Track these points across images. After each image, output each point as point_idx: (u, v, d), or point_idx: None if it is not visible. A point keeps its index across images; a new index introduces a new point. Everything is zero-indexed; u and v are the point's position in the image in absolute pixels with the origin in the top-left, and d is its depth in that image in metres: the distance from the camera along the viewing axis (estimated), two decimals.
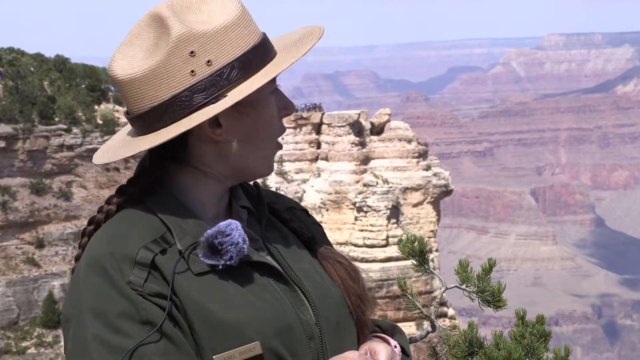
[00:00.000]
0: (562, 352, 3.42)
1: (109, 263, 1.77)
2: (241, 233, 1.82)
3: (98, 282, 1.76)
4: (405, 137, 55.82)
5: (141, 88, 1.85)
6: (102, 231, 1.87)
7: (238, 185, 2.01)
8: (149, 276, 1.77)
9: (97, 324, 1.73)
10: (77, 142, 46.88)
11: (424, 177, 54.91)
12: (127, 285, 1.75)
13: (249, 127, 1.90)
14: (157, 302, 1.75)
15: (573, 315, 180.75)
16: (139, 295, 1.75)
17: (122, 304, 1.74)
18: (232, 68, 1.84)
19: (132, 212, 1.88)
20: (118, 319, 1.73)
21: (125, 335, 1.72)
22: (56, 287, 43.99)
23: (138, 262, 1.77)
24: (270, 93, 1.91)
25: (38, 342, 42.44)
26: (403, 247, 3.22)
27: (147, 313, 1.74)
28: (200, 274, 1.80)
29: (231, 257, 1.80)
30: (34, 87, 47.77)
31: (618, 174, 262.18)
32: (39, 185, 45.76)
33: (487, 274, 3.08)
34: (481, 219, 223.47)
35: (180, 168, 1.92)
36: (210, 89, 1.83)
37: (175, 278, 1.78)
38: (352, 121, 55.01)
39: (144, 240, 1.80)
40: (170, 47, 1.83)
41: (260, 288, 1.85)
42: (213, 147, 1.90)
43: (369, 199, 51.95)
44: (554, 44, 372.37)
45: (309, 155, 55.45)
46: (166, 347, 1.73)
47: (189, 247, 1.82)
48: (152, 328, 1.73)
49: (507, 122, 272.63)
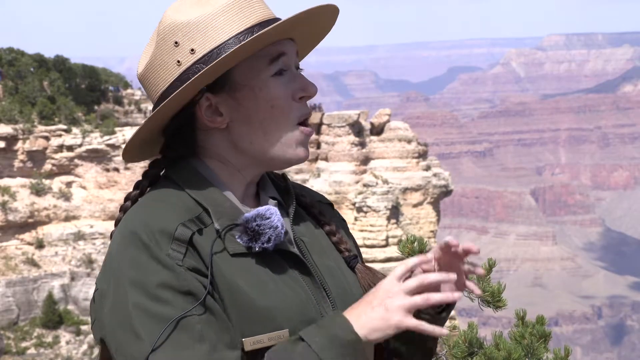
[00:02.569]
0: (562, 353, 3.41)
1: (146, 236, 1.74)
2: (280, 218, 1.81)
3: (136, 254, 1.74)
4: (405, 138, 55.81)
5: (148, 83, 1.89)
6: (137, 207, 1.85)
7: (266, 176, 1.99)
8: (187, 252, 1.74)
9: (137, 293, 1.71)
10: (77, 143, 46.85)
11: (424, 177, 54.89)
12: (167, 257, 1.73)
13: (250, 111, 1.85)
14: (196, 277, 1.73)
15: (573, 316, 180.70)
16: (180, 267, 1.73)
17: (162, 273, 1.72)
18: (218, 53, 1.81)
19: (166, 191, 1.86)
20: (158, 288, 1.70)
21: (166, 304, 1.70)
22: (56, 287, 43.97)
23: (176, 237, 1.75)
24: (272, 76, 1.86)
25: (38, 342, 42.41)
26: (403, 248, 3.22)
27: (188, 284, 1.72)
28: (236, 255, 1.79)
29: (269, 239, 1.78)
30: (34, 88, 47.76)
31: (618, 174, 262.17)
32: (39, 185, 45.74)
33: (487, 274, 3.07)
34: (481, 219, 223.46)
35: (204, 161, 1.91)
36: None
37: (212, 257, 1.76)
38: (352, 121, 54.99)
39: (182, 218, 1.78)
40: (158, 39, 1.85)
41: (290, 278, 1.83)
42: (224, 136, 1.88)
43: (368, 199, 51.92)
44: (553, 44, 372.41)
45: (309, 155, 55.41)
46: (209, 318, 1.71)
47: (227, 227, 1.80)
48: (194, 299, 1.71)
49: (507, 122, 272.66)
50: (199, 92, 1.84)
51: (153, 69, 1.87)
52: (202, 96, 1.84)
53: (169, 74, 1.85)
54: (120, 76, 60.38)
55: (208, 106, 1.86)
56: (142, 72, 1.89)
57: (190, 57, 1.82)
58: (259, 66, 1.85)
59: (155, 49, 1.86)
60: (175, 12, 1.86)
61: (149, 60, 1.87)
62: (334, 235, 2.00)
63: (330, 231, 2.01)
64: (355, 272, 1.98)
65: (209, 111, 1.86)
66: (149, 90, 1.90)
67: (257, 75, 1.85)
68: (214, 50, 1.81)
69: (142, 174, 1.95)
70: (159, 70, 1.86)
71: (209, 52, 1.81)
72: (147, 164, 2.00)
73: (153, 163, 1.94)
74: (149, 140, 1.94)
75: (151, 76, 1.88)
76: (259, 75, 1.85)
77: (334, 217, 2.09)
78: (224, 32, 1.82)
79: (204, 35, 1.82)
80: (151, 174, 1.93)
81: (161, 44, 1.85)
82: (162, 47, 1.85)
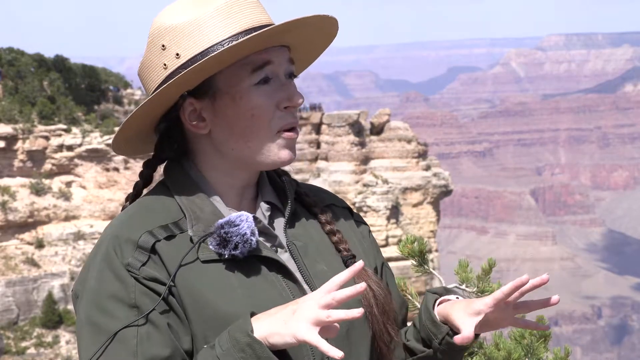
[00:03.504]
0: (562, 353, 3.41)
1: (111, 245, 1.79)
2: (250, 225, 1.79)
3: (100, 263, 1.78)
4: (405, 137, 55.81)
5: (142, 81, 1.92)
6: (120, 214, 1.89)
7: (265, 179, 1.98)
8: (148, 260, 1.77)
9: (90, 304, 1.76)
10: (77, 142, 46.83)
11: (424, 177, 54.90)
12: (124, 267, 1.76)
13: (231, 118, 1.85)
14: (151, 287, 1.75)
15: (573, 316, 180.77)
16: (133, 278, 1.75)
17: (115, 285, 1.75)
18: (201, 59, 1.81)
19: (154, 197, 1.89)
20: (108, 300, 1.75)
21: (111, 317, 1.73)
22: (56, 287, 43.95)
23: (139, 245, 1.77)
24: (255, 84, 1.85)
25: (37, 342, 42.40)
26: (403, 247, 3.21)
27: (136, 297, 1.74)
28: (207, 262, 1.80)
29: (236, 246, 1.78)
30: (34, 88, 47.75)
31: (618, 174, 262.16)
32: (39, 185, 45.72)
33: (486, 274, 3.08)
34: (481, 219, 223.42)
35: (195, 164, 1.92)
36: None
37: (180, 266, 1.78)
38: (352, 121, 54.99)
39: (152, 225, 1.81)
40: (148, 41, 1.88)
41: (268, 284, 1.82)
42: (208, 141, 1.89)
43: (368, 199, 51.92)
44: (553, 44, 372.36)
45: (309, 155, 55.42)
46: (148, 332, 1.73)
47: (203, 236, 1.81)
48: (139, 312, 1.73)
49: (506, 123, 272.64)
50: (181, 97, 1.85)
51: (144, 69, 1.90)
52: (185, 101, 1.85)
53: (156, 76, 1.87)
54: (120, 76, 60.39)
55: (192, 111, 1.86)
56: (138, 70, 1.92)
57: (175, 61, 1.83)
58: (240, 74, 1.84)
59: (146, 50, 1.89)
60: (165, 16, 1.87)
61: (142, 60, 1.90)
62: (334, 235, 1.98)
63: (331, 231, 1.99)
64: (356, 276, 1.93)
65: (193, 116, 1.86)
66: (145, 89, 1.93)
67: (238, 83, 1.84)
68: (197, 55, 1.81)
69: (139, 174, 1.97)
70: (149, 71, 1.89)
71: (192, 57, 1.82)
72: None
73: (146, 163, 1.96)
74: (141, 136, 1.96)
75: (143, 76, 1.91)
76: (240, 84, 1.84)
77: (347, 221, 2.06)
78: (209, 38, 1.82)
79: (189, 40, 1.82)
80: (145, 174, 1.95)
81: (151, 46, 1.87)
82: (151, 49, 1.87)
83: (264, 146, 1.86)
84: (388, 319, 1.94)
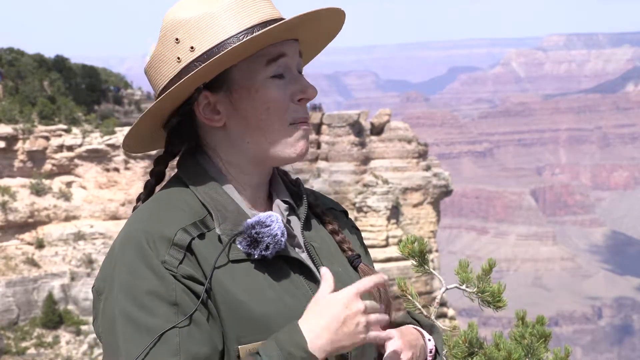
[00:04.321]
0: (562, 353, 3.41)
1: (145, 240, 1.76)
2: (280, 226, 1.80)
3: (132, 258, 1.75)
4: (405, 138, 55.80)
5: (150, 77, 1.92)
6: (142, 209, 1.86)
7: (278, 178, 1.99)
8: (184, 259, 1.75)
9: (125, 299, 1.73)
10: (77, 143, 46.81)
11: (424, 177, 54.89)
12: (161, 265, 1.73)
13: (247, 112, 1.86)
14: (189, 285, 1.74)
15: (573, 316, 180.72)
16: (171, 276, 1.73)
17: (152, 282, 1.73)
18: (217, 52, 1.82)
19: (173, 191, 1.87)
20: (146, 296, 1.72)
21: (151, 314, 1.71)
22: (56, 287, 43.94)
23: (175, 243, 1.75)
24: (271, 77, 1.86)
25: (38, 342, 42.38)
26: (403, 248, 3.21)
27: (176, 294, 1.72)
28: (236, 261, 1.79)
29: (267, 247, 1.79)
30: (34, 88, 47.74)
31: (618, 175, 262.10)
32: (39, 185, 45.71)
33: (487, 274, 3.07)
34: (481, 219, 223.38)
35: (210, 159, 1.92)
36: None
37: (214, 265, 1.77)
38: (352, 121, 54.99)
39: (184, 222, 1.79)
40: (160, 35, 1.87)
41: (293, 285, 1.83)
42: (222, 134, 1.89)
43: (368, 199, 51.91)
44: (553, 44, 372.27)
45: (309, 156, 55.40)
46: (190, 331, 1.71)
47: (233, 235, 1.80)
48: (179, 309, 1.71)
49: (507, 123, 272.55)
50: (196, 90, 1.85)
51: (156, 64, 1.89)
52: (200, 94, 1.85)
53: (169, 70, 1.86)
54: (120, 76, 60.44)
55: (206, 104, 1.86)
56: (147, 66, 1.92)
57: (190, 55, 1.83)
58: (256, 67, 1.85)
59: (158, 45, 1.88)
60: (179, 9, 1.87)
61: (153, 55, 1.89)
62: (337, 234, 2.00)
63: (334, 230, 2.01)
64: (358, 272, 1.99)
65: (207, 109, 1.87)
66: (152, 84, 1.92)
67: (254, 76, 1.85)
68: (213, 48, 1.82)
69: (149, 172, 1.96)
70: (161, 66, 1.88)
71: (208, 51, 1.82)
72: (148, 164, 2.01)
73: (157, 160, 1.95)
74: (149, 133, 1.95)
75: (153, 71, 1.90)
76: (257, 76, 1.85)
77: (347, 225, 2.09)
78: (224, 31, 1.82)
79: (204, 33, 1.83)
80: (156, 171, 1.94)
81: (163, 40, 1.87)
82: (164, 43, 1.87)
83: (280, 139, 1.87)
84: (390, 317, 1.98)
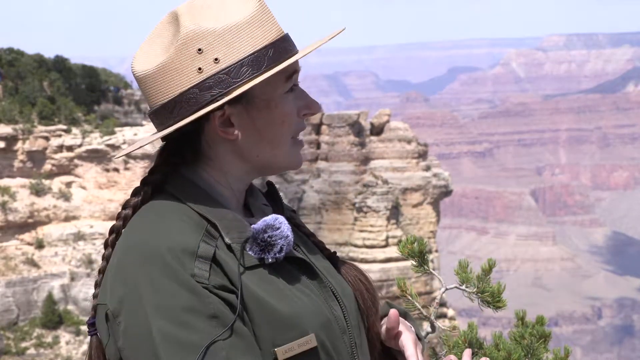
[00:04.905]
0: (562, 353, 3.41)
1: (169, 256, 1.73)
2: (289, 227, 1.85)
3: (159, 276, 1.71)
4: (405, 138, 55.82)
5: (154, 84, 1.87)
6: (146, 221, 1.83)
7: (253, 184, 2.02)
8: (211, 269, 1.75)
9: (160, 318, 1.69)
10: (77, 143, 46.82)
11: (424, 177, 54.92)
12: (192, 278, 1.72)
13: (262, 126, 1.88)
14: (221, 296, 1.74)
15: (573, 316, 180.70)
16: (204, 289, 1.72)
17: (187, 297, 1.70)
18: (242, 66, 1.83)
19: (168, 204, 1.87)
20: (184, 313, 1.70)
21: (193, 330, 1.69)
22: (56, 287, 43.95)
23: (200, 255, 1.75)
24: (285, 92, 1.89)
25: (37, 342, 42.39)
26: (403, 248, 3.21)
27: (213, 307, 1.72)
28: (250, 268, 1.81)
29: (281, 249, 1.82)
30: (34, 88, 47.75)
31: (618, 175, 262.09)
32: (39, 185, 45.72)
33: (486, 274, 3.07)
34: (481, 220, 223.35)
35: (202, 169, 1.92)
36: (218, 87, 1.83)
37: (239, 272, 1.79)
38: (352, 121, 55.01)
39: (195, 234, 1.78)
40: (179, 44, 1.83)
41: (301, 284, 1.87)
42: (229, 146, 1.89)
43: (368, 199, 51.91)
44: (553, 45, 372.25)
45: (309, 156, 55.42)
46: (234, 342, 1.72)
47: (244, 242, 1.81)
48: (219, 322, 1.71)
49: (507, 123, 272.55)
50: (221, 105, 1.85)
51: (167, 72, 1.85)
52: (222, 108, 1.86)
53: (186, 80, 1.84)
54: (120, 76, 60.40)
55: (220, 116, 1.87)
56: (152, 71, 1.86)
57: (213, 66, 1.82)
58: (276, 82, 1.88)
59: (174, 52, 1.84)
60: (199, 17, 1.85)
61: (164, 61, 1.85)
62: (313, 236, 2.06)
63: (309, 233, 2.06)
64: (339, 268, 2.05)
65: (220, 121, 1.87)
66: (154, 91, 1.87)
67: (274, 91, 1.88)
68: (238, 63, 1.83)
69: (141, 181, 1.93)
70: (176, 75, 1.84)
71: (233, 64, 1.82)
72: (148, 164, 2.00)
73: (154, 169, 1.93)
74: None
75: (164, 78, 1.86)
76: (276, 91, 1.88)
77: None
78: (249, 45, 1.83)
79: (229, 46, 1.82)
80: (153, 180, 1.92)
81: (182, 49, 1.83)
82: (182, 52, 1.83)
83: (286, 152, 1.92)
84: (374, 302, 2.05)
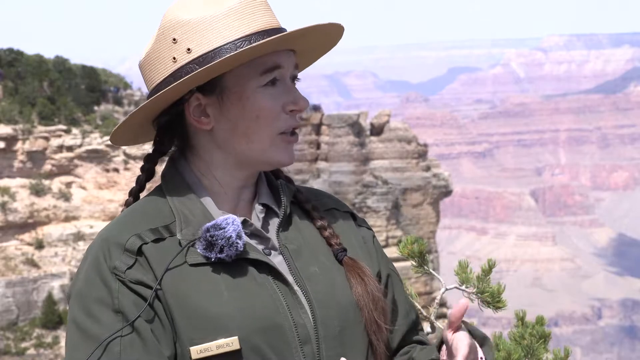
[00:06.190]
0: (562, 353, 3.41)
1: (100, 248, 1.82)
2: (237, 228, 1.81)
3: (88, 266, 1.82)
4: (405, 138, 55.83)
5: (144, 73, 1.93)
6: (116, 218, 1.92)
7: (263, 180, 1.99)
8: (135, 264, 1.79)
9: (77, 307, 1.79)
10: (77, 143, 46.84)
11: (424, 177, 54.93)
12: (110, 271, 1.78)
13: (236, 117, 1.88)
14: (137, 290, 1.78)
15: (573, 316, 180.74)
16: (119, 282, 1.78)
17: (100, 289, 1.78)
18: (213, 56, 1.84)
19: (150, 199, 1.92)
20: (94, 303, 1.77)
21: (96, 321, 1.76)
22: (55, 287, 43.94)
23: (127, 248, 1.80)
24: (262, 86, 1.88)
25: (37, 342, 42.39)
26: (402, 248, 3.20)
27: (119, 302, 1.77)
28: (195, 265, 1.81)
29: (222, 249, 1.80)
30: (34, 88, 47.75)
31: (618, 175, 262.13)
32: (39, 186, 45.73)
33: (486, 274, 3.06)
34: (481, 220, 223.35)
35: (190, 161, 1.94)
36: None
37: (167, 270, 1.80)
38: (352, 122, 55.03)
39: (142, 229, 1.83)
40: (158, 34, 1.89)
41: (257, 285, 1.83)
42: (208, 136, 1.90)
43: (368, 199, 51.93)
44: (553, 45, 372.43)
45: (309, 156, 55.42)
46: (132, 341, 1.75)
47: (191, 240, 1.83)
48: (123, 317, 1.76)
49: (506, 123, 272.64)
50: (189, 92, 1.87)
51: (151, 61, 1.91)
52: (192, 95, 1.88)
53: (164, 69, 1.88)
54: (120, 76, 60.44)
55: (197, 106, 1.88)
56: (142, 61, 1.94)
57: (186, 56, 1.85)
58: (250, 75, 1.87)
59: (155, 41, 1.90)
60: (179, 9, 1.89)
61: (149, 51, 1.91)
62: (325, 230, 1.99)
63: (322, 226, 2.00)
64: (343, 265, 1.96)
65: (197, 111, 1.88)
66: (145, 80, 1.94)
67: (246, 84, 1.87)
68: (209, 53, 1.84)
69: (140, 168, 1.99)
70: (156, 63, 1.90)
71: (204, 54, 1.84)
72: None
73: (147, 157, 1.97)
74: (138, 128, 1.98)
75: (148, 67, 1.92)
76: (249, 84, 1.87)
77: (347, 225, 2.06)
78: (222, 36, 1.84)
79: (202, 36, 1.85)
80: (146, 167, 1.96)
81: (161, 38, 1.89)
82: (160, 42, 1.89)
83: (265, 147, 1.89)
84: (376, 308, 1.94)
